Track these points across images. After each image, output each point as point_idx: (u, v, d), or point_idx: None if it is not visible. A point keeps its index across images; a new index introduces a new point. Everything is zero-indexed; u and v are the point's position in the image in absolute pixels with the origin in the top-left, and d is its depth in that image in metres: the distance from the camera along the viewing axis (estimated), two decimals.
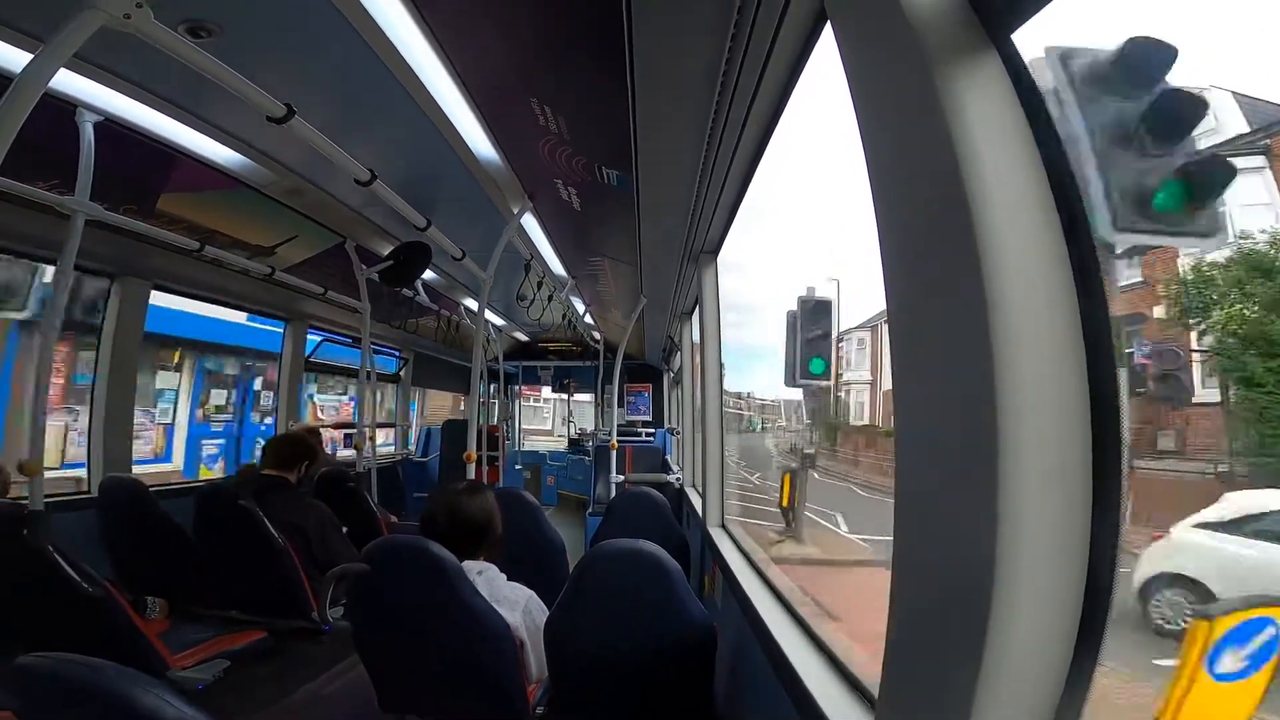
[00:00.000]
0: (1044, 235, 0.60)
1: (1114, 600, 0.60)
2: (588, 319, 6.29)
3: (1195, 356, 1.30)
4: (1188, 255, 1.29)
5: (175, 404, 5.61)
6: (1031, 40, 0.64)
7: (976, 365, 0.58)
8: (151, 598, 2.64)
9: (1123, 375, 0.60)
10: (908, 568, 0.71)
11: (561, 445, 9.63)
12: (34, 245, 2.76)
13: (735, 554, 2.38)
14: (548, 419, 14.47)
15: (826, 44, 1.27)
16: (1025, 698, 0.60)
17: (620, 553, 1.74)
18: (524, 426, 10.80)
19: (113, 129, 2.26)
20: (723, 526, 2.92)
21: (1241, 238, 1.14)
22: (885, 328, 0.74)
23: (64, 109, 2.12)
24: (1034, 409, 0.57)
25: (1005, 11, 0.63)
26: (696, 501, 3.68)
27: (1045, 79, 0.63)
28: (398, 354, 6.66)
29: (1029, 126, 0.63)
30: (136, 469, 3.56)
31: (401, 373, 6.81)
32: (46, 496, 2.28)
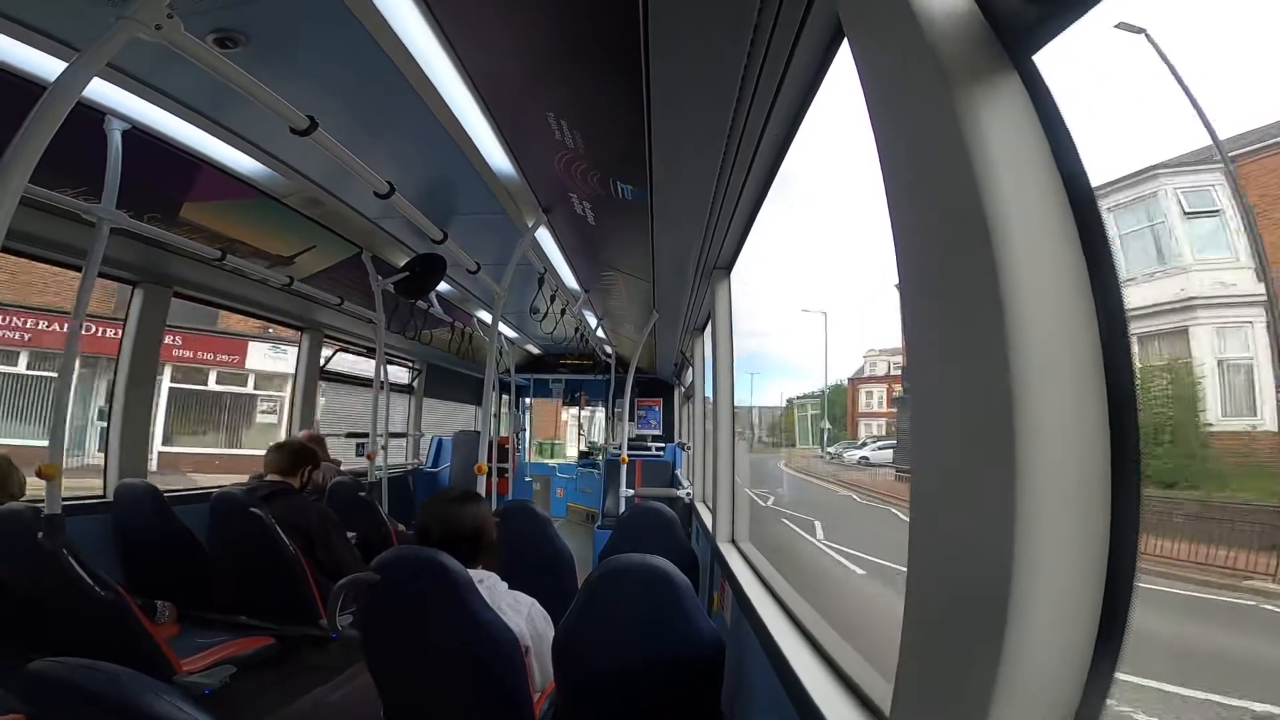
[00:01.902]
0: (1063, 253, 0.61)
1: (1134, 606, 0.60)
2: (600, 333, 6.31)
3: None
4: None
5: None
6: (1054, 62, 0.64)
7: (995, 379, 0.58)
8: (161, 602, 2.65)
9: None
10: (923, 574, 0.71)
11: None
12: (60, 251, 2.82)
13: (745, 570, 2.36)
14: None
15: (843, 61, 1.28)
16: (1042, 705, 0.59)
17: (631, 567, 1.74)
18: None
19: (139, 137, 2.31)
20: (732, 542, 2.90)
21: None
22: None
23: (93, 117, 2.17)
24: (1051, 418, 0.57)
25: (1026, 33, 0.63)
26: (706, 517, 3.66)
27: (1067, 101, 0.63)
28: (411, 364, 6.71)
29: (1050, 149, 0.63)
30: None
31: (415, 383, 6.85)
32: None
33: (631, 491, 5.35)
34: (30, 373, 11.59)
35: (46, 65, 1.78)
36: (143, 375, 3.37)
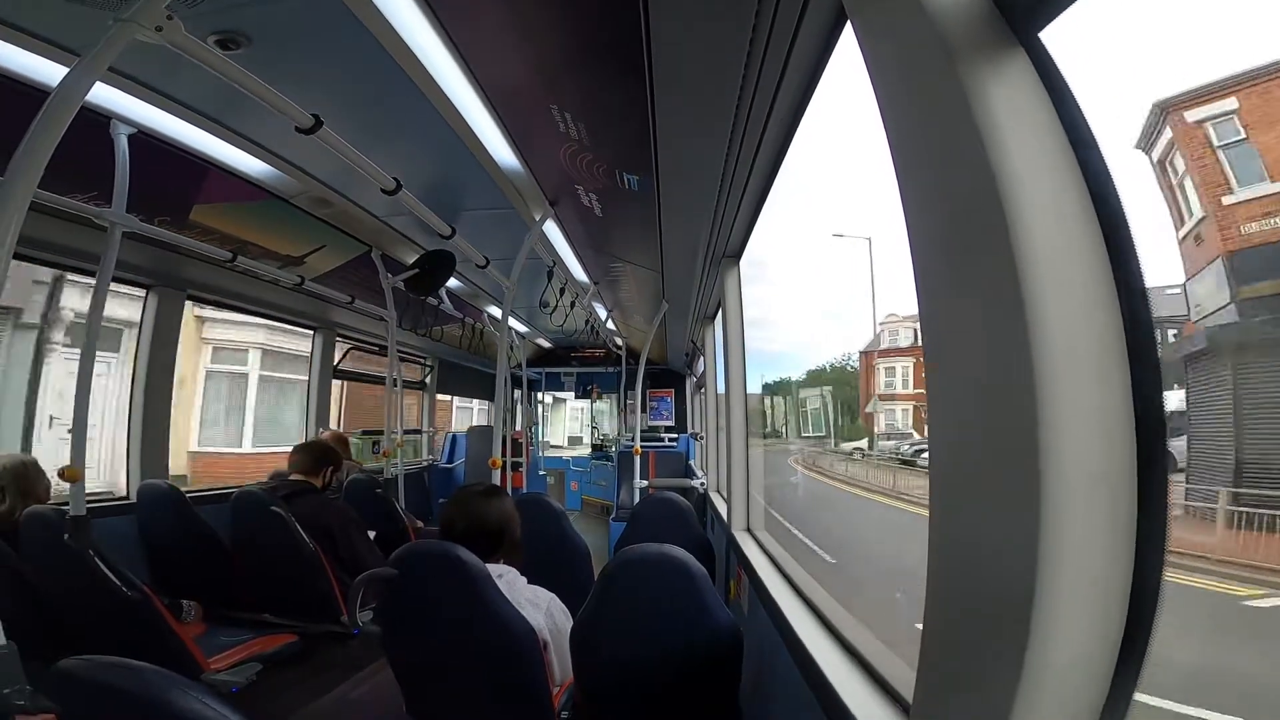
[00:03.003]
0: (1081, 235, 0.59)
1: (1160, 607, 0.58)
2: (610, 325, 6.30)
3: None
4: None
5: None
6: (1061, 38, 0.62)
7: (1014, 368, 0.57)
8: (187, 601, 2.70)
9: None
10: (943, 572, 0.70)
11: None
12: (75, 257, 2.85)
13: (761, 558, 2.36)
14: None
15: (846, 45, 1.26)
16: (1065, 707, 0.58)
17: (646, 557, 1.73)
18: None
19: (146, 141, 2.32)
20: (747, 530, 2.90)
21: None
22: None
23: (99, 122, 2.18)
24: (1075, 411, 0.56)
25: (1031, 10, 0.62)
26: (721, 506, 3.66)
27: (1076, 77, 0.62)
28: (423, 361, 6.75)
29: (1061, 125, 0.61)
30: None
31: (427, 380, 6.89)
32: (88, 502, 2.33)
33: (645, 483, 5.35)
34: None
35: (49, 71, 1.79)
36: (161, 378, 3.41)
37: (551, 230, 3.39)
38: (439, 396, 7.20)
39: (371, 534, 3.22)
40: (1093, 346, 0.58)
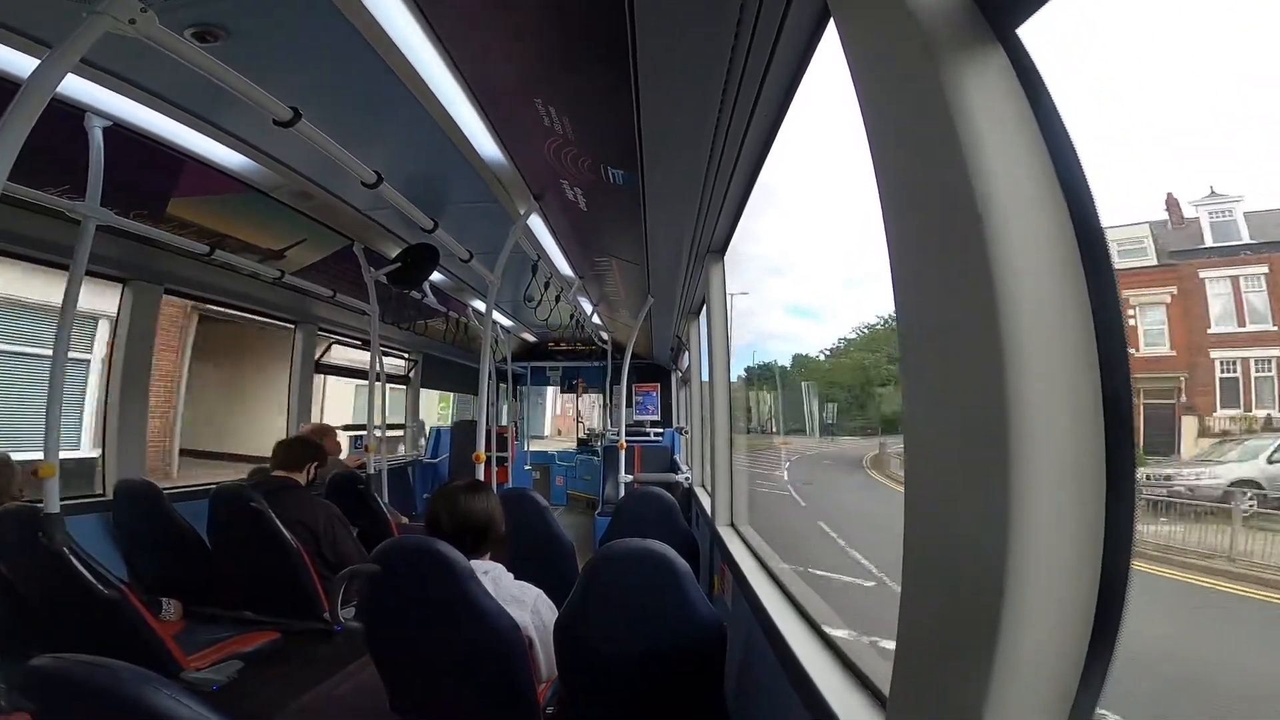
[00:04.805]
0: (1053, 231, 0.60)
1: (1129, 595, 0.60)
2: (595, 319, 6.29)
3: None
4: None
5: None
6: (1038, 35, 0.63)
7: (986, 361, 0.58)
8: (166, 599, 2.67)
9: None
10: (918, 566, 0.71)
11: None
12: (47, 250, 2.79)
13: (745, 553, 2.38)
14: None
15: (830, 41, 1.27)
16: (1039, 696, 0.59)
17: (630, 552, 1.74)
18: None
19: (122, 134, 2.28)
20: (732, 526, 2.91)
21: None
22: None
23: (73, 114, 2.14)
24: (1045, 404, 0.57)
25: (1009, 6, 0.62)
26: (705, 501, 3.68)
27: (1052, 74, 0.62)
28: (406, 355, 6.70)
29: (1036, 122, 0.62)
30: None
31: (411, 374, 6.84)
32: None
33: (631, 477, 5.36)
34: None
35: (19, 63, 1.75)
36: (137, 374, 3.36)
37: (536, 224, 3.38)
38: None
39: (355, 530, 3.20)
40: (1063, 339, 0.58)
